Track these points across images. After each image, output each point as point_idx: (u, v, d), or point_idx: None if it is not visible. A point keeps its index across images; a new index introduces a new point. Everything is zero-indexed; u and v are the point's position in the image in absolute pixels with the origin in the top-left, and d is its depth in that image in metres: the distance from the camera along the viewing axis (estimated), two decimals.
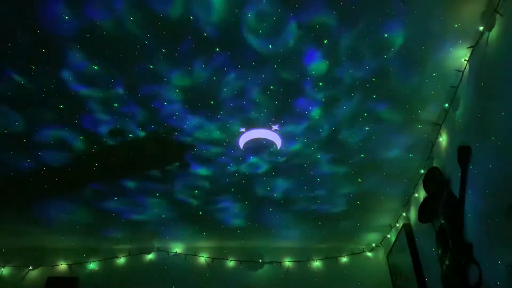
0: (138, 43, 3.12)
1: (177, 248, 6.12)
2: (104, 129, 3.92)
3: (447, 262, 3.65)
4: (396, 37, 3.10)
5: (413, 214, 4.71)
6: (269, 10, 2.92)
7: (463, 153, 3.28)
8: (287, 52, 3.21)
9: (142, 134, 3.99)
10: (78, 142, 4.04)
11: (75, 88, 3.49)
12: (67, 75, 3.37)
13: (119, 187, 4.75)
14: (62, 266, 5.97)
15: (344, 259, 6.12)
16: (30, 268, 5.95)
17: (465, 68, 3.22)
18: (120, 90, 3.53)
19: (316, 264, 6.08)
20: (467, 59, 3.17)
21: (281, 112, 3.77)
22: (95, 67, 3.32)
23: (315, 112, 3.77)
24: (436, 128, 3.80)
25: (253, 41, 3.13)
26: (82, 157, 4.24)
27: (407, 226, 4.88)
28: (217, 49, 3.20)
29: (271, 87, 3.52)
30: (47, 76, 3.38)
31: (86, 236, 5.78)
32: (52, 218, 5.30)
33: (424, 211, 3.97)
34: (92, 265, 5.99)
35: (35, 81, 3.41)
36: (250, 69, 3.36)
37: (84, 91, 3.52)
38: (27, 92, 3.49)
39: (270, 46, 3.17)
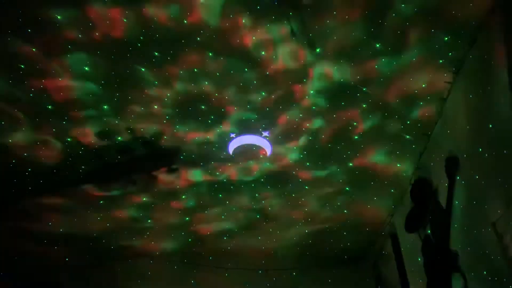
0: (131, 45, 3.11)
1: (161, 254, 6.02)
2: (92, 131, 3.87)
3: (432, 272, 3.67)
4: (388, 47, 3.15)
5: (399, 223, 4.73)
6: None
7: (450, 164, 3.32)
8: None
9: (130, 137, 3.95)
10: (66, 144, 3.98)
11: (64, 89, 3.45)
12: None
13: (104, 192, 4.67)
14: (43, 270, 5.82)
15: (329, 268, 6.10)
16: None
17: (454, 80, 3.27)
18: (110, 93, 3.50)
19: (301, 273, 6.05)
20: (456, 71, 3.22)
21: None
22: (86, 68, 3.28)
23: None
24: (425, 139, 3.84)
25: None
26: (68, 159, 4.17)
27: (393, 236, 4.90)
28: (210, 54, 3.20)
29: (263, 93, 3.53)
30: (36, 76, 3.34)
31: (69, 241, 5.66)
32: (34, 220, 5.18)
33: (411, 221, 3.99)
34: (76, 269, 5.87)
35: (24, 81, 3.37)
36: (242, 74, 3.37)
37: (74, 92, 3.48)
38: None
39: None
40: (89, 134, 3.89)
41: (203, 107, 3.65)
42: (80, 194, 4.68)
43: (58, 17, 2.91)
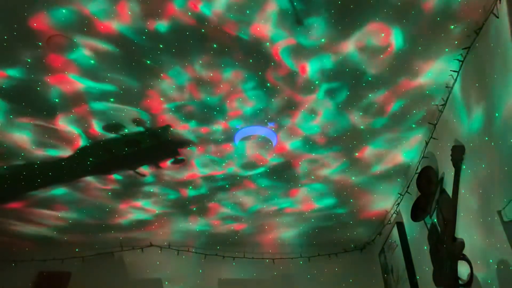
0: (136, 38, 3.13)
1: (170, 244, 6.11)
2: (99, 124, 3.90)
3: (439, 260, 3.69)
4: (392, 36, 3.13)
5: (406, 212, 4.75)
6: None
7: (456, 153, 3.32)
8: None
9: (137, 129, 3.98)
10: (73, 137, 4.02)
11: (70, 82, 3.48)
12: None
13: (113, 182, 4.73)
14: (54, 260, 5.92)
15: (335, 257, 6.16)
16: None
17: (460, 68, 3.26)
18: (116, 86, 3.52)
19: (308, 261, 6.11)
20: (462, 59, 3.20)
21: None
22: (92, 61, 3.31)
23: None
24: (430, 128, 3.85)
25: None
26: (76, 151, 4.22)
27: (399, 224, 4.92)
28: (215, 46, 3.20)
29: (268, 84, 3.54)
30: (40, 68, 3.36)
31: (79, 230, 5.74)
32: (44, 211, 5.26)
33: (417, 210, 4.00)
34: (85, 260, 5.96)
35: (28, 73, 3.39)
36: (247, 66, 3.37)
37: (81, 85, 3.51)
38: (19, 84, 3.48)
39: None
40: (96, 127, 3.93)
41: (208, 98, 3.67)
42: (89, 185, 4.75)
43: (63, 10, 2.93)
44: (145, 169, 4.51)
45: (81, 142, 4.10)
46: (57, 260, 5.92)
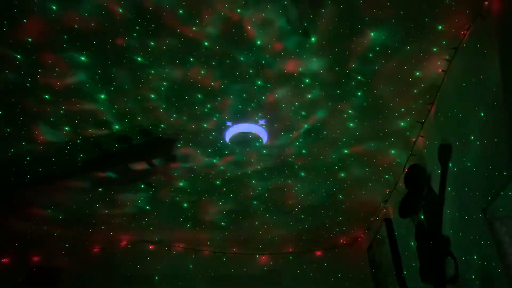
0: (126, 35, 3.13)
1: (160, 240, 6.10)
2: (89, 120, 3.89)
3: (425, 256, 3.76)
4: (382, 36, 3.17)
5: (394, 209, 4.82)
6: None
7: (443, 151, 3.37)
8: None
9: (127, 126, 3.98)
10: (64, 133, 4.01)
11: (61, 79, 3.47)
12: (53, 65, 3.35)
13: (103, 179, 4.71)
14: (44, 256, 5.88)
15: (325, 253, 6.21)
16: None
17: (448, 68, 3.31)
18: (107, 82, 3.52)
19: (297, 257, 6.15)
20: (450, 59, 3.25)
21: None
22: (82, 58, 3.30)
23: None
24: (418, 126, 3.89)
25: None
26: (67, 148, 4.20)
27: (387, 221, 4.98)
28: (206, 44, 3.22)
29: (259, 82, 3.56)
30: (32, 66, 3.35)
31: (69, 227, 5.72)
32: (34, 208, 5.23)
33: (405, 207, 4.06)
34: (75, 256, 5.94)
35: (20, 71, 3.38)
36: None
37: (71, 81, 3.50)
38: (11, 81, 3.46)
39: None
40: (86, 123, 3.92)
41: (199, 96, 3.68)
42: (79, 182, 4.73)
43: (53, 7, 2.92)
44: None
45: (71, 138, 4.08)
46: (48, 256, 5.89)
